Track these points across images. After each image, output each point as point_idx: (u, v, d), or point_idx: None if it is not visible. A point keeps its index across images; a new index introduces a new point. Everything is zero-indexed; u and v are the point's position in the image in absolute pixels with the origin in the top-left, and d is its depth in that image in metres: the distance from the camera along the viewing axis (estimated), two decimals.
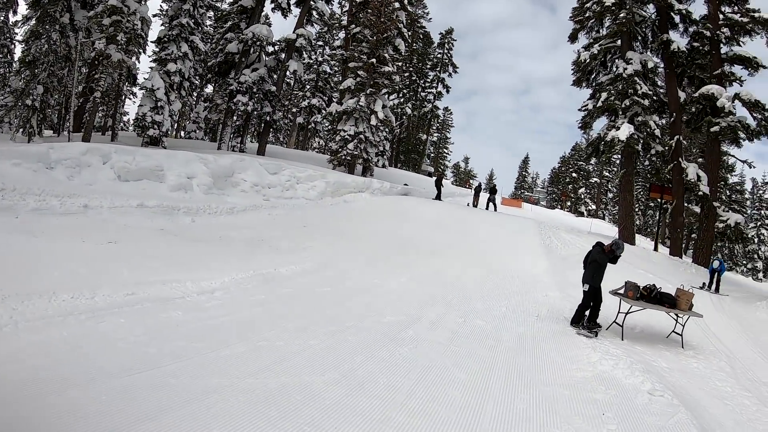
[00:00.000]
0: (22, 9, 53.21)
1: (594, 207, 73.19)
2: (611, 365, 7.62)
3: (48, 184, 13.62)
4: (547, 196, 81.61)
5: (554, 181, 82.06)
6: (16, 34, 37.62)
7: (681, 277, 18.23)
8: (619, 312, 10.21)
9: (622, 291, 10.15)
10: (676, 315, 10.11)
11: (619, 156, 29.87)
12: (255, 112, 29.52)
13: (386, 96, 32.19)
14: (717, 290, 18.56)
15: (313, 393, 5.20)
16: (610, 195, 75.94)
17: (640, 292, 9.99)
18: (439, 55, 55.04)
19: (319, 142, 56.27)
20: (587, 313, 9.66)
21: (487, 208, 30.27)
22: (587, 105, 29.48)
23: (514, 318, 9.99)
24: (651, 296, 9.98)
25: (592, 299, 9.54)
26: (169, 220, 14.04)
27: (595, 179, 75.10)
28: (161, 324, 6.42)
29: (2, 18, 37.36)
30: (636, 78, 25.81)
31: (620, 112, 26.68)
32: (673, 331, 10.39)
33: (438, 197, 28.41)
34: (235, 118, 30.62)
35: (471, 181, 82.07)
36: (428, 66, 53.87)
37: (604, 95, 27.20)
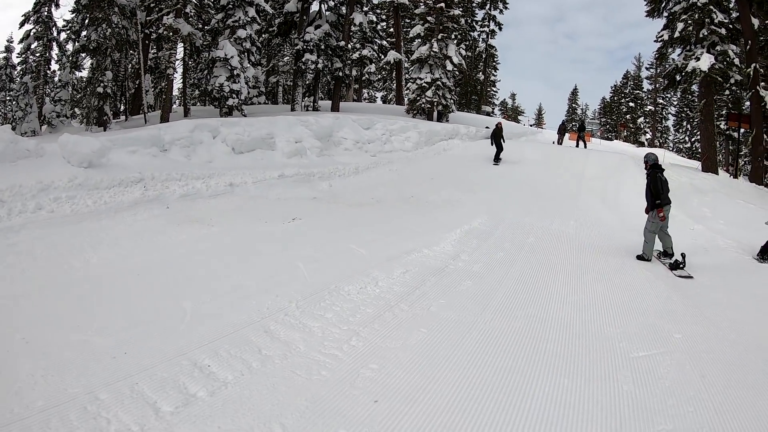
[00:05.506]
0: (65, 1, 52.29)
1: (651, 136, 70.71)
2: None
3: (170, 167, 13.01)
4: (600, 127, 78.82)
5: (607, 111, 79.35)
6: (59, 28, 36.87)
7: None
8: None
9: None
10: None
11: (697, 86, 28.24)
12: (326, 69, 28.71)
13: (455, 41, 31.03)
14: None
15: None
16: (666, 123, 73.28)
17: None
18: None
19: (369, 93, 55.29)
20: None
21: (577, 146, 29.30)
22: (662, 35, 27.90)
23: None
24: None
25: None
26: (311, 187, 13.48)
27: (650, 107, 72.29)
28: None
29: (46, 13, 36.58)
30: (711, 6, 24.25)
31: (694, 42, 25.22)
32: None
33: (498, 157, 19.94)
34: (305, 77, 29.92)
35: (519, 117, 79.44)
36: (474, 4, 52.01)
37: (680, 25, 25.58)
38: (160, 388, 3.95)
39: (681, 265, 8.43)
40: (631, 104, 72.12)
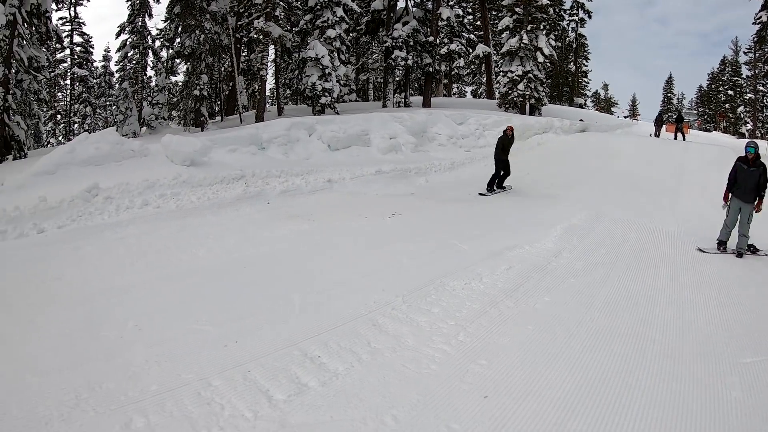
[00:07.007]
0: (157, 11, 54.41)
1: (751, 126, 65.96)
2: None
3: (269, 165, 13.34)
4: (698, 117, 74.35)
5: (704, 100, 74.89)
6: (153, 36, 38.33)
7: None
8: None
9: None
10: None
11: None
12: (416, 65, 28.66)
13: (544, 31, 30.20)
14: None
15: None
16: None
17: None
18: None
19: (458, 88, 54.69)
20: None
21: (675, 138, 27.74)
22: (761, 17, 25.91)
23: None
24: None
25: None
26: (408, 183, 13.28)
27: (749, 95, 67.36)
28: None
29: (140, 23, 38.16)
30: None
31: None
32: None
33: (494, 184, 13.34)
34: (395, 73, 30.01)
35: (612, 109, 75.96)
36: None
37: None
38: (272, 376, 4.02)
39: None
40: (729, 92, 67.47)
